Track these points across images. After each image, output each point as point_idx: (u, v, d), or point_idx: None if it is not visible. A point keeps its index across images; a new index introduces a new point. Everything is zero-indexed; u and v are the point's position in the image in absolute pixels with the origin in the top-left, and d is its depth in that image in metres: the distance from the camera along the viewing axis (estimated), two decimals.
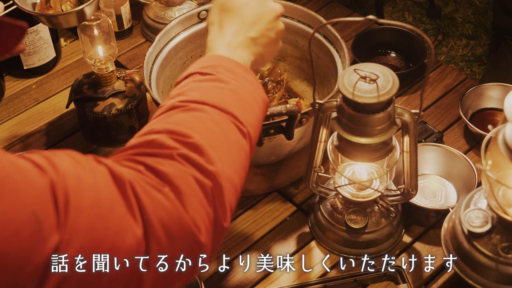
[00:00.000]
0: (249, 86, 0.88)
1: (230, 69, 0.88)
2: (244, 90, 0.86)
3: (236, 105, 0.83)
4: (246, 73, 0.89)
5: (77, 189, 0.65)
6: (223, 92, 0.84)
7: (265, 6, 0.96)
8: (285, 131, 1.16)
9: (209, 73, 0.86)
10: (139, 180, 0.69)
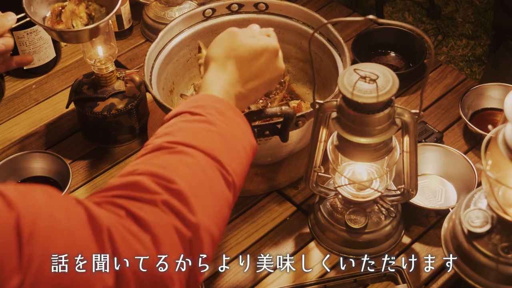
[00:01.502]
0: (238, 131, 0.87)
1: (221, 111, 0.86)
2: (233, 135, 0.85)
3: (223, 151, 0.82)
4: (237, 117, 0.89)
5: (47, 231, 0.61)
6: (211, 136, 0.82)
7: (275, 66, 0.98)
8: (280, 133, 1.16)
9: (199, 114, 0.84)
10: (118, 227, 0.67)
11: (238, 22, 1.40)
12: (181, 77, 1.41)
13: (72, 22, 1.26)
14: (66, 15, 1.25)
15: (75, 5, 1.25)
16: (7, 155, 1.32)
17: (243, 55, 0.95)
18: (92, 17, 1.27)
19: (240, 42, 0.95)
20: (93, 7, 1.27)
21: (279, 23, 1.39)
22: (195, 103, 0.87)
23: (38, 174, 1.29)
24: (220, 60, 0.94)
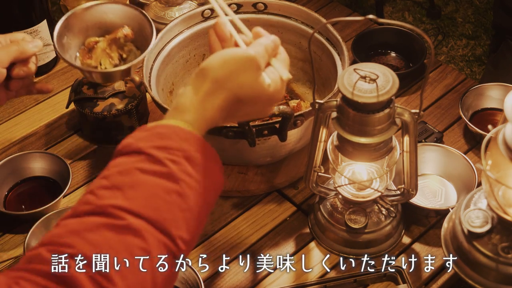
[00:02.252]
0: (206, 182, 0.78)
1: (189, 155, 0.77)
2: (198, 191, 0.76)
3: (179, 220, 0.74)
4: (207, 159, 0.79)
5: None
6: (169, 201, 0.73)
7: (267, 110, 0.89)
8: (279, 133, 1.16)
9: (161, 162, 0.74)
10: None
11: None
12: (181, 78, 1.41)
13: (101, 61, 1.16)
14: (96, 53, 1.16)
15: (107, 44, 1.16)
16: (7, 155, 1.32)
17: (245, 98, 0.84)
18: (124, 58, 1.18)
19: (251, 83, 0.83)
20: (129, 48, 1.18)
21: (278, 22, 1.39)
22: (160, 142, 0.76)
23: (38, 174, 1.29)
24: (217, 85, 0.82)
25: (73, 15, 1.15)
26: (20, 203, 1.26)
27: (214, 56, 0.84)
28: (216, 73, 0.82)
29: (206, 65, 0.83)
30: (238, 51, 0.85)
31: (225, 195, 1.28)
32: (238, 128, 1.14)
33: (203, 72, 0.83)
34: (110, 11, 1.17)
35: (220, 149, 1.24)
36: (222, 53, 0.84)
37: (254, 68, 0.83)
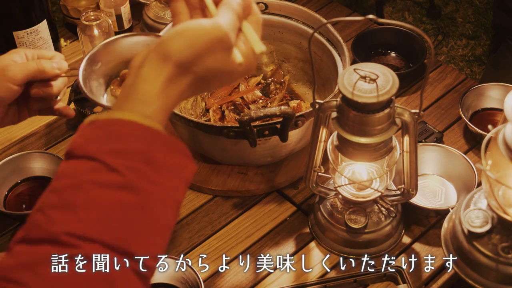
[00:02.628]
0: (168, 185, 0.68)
1: (147, 157, 0.67)
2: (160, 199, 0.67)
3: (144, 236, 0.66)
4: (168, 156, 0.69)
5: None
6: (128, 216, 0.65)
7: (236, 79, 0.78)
8: (280, 133, 1.16)
9: (117, 171, 0.65)
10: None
11: None
12: None
13: None
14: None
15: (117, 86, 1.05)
16: (7, 155, 1.32)
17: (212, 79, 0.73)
18: None
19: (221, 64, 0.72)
20: None
21: (279, 23, 1.39)
22: (114, 145, 0.66)
23: (38, 174, 1.29)
24: (181, 69, 0.70)
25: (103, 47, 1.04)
26: (20, 203, 1.26)
27: (178, 34, 0.70)
28: (180, 56, 0.69)
29: (168, 46, 0.70)
30: (205, 28, 0.70)
31: (225, 195, 1.28)
32: (239, 128, 1.14)
33: (165, 54, 0.69)
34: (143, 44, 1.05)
35: (221, 149, 1.25)
36: (187, 30, 0.70)
37: (225, 48, 0.71)
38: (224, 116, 1.36)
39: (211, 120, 1.36)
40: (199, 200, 1.28)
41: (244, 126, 1.12)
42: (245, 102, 1.38)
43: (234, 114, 1.35)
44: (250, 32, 0.75)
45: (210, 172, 1.30)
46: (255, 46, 0.75)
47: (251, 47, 0.75)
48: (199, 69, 0.71)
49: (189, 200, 1.28)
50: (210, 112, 1.37)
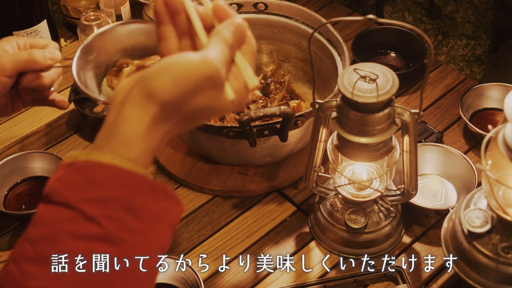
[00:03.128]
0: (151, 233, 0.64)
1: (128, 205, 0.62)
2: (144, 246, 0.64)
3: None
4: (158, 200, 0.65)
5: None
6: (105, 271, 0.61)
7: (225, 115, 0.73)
8: (279, 133, 1.16)
9: (95, 220, 0.61)
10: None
11: None
12: None
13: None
14: (122, 77, 0.98)
15: (135, 70, 0.97)
16: (7, 155, 1.32)
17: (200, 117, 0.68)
18: None
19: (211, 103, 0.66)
20: None
21: (279, 23, 1.39)
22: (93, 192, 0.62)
23: (38, 174, 1.29)
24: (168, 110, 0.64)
25: (98, 35, 0.98)
26: (20, 203, 1.26)
27: (164, 69, 0.63)
28: (166, 95, 0.63)
29: (153, 84, 0.63)
30: (194, 63, 0.63)
31: (225, 195, 1.28)
32: (239, 128, 1.14)
33: (150, 92, 0.63)
34: (141, 32, 0.99)
35: (221, 149, 1.25)
36: (173, 66, 0.63)
37: (215, 85, 0.65)
38: (224, 116, 1.36)
39: (211, 120, 1.36)
40: (199, 200, 1.28)
41: (244, 126, 1.12)
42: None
43: (234, 114, 1.35)
44: (243, 65, 0.69)
45: (210, 172, 1.30)
46: (249, 81, 0.68)
47: (244, 82, 0.68)
48: (186, 109, 0.64)
49: (189, 200, 1.28)
50: None
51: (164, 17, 0.70)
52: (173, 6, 0.69)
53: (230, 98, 0.66)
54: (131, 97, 0.64)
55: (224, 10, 0.69)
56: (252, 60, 0.70)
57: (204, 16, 0.69)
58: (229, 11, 0.69)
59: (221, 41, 0.66)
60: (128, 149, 0.64)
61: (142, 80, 0.64)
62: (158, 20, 0.70)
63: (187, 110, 0.65)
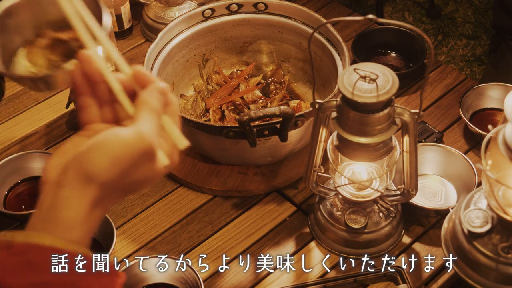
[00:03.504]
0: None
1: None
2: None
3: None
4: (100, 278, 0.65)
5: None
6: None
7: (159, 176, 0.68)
8: (279, 133, 1.16)
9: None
10: None
11: (238, 22, 1.41)
12: (181, 78, 1.41)
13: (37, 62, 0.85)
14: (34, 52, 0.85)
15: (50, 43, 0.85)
16: (7, 155, 1.32)
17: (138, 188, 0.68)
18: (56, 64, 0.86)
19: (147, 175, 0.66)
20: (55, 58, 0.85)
21: (279, 22, 1.39)
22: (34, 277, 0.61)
23: (38, 174, 1.29)
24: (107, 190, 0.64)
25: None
26: (20, 203, 1.26)
27: (98, 150, 0.62)
28: (104, 177, 0.62)
29: (90, 166, 0.62)
30: (128, 142, 0.62)
31: (225, 195, 1.28)
32: (239, 128, 1.14)
33: (87, 175, 0.62)
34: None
35: (221, 149, 1.25)
36: (107, 146, 0.62)
37: (150, 158, 0.65)
38: (224, 116, 1.36)
39: (211, 120, 1.36)
40: (199, 200, 1.28)
41: (243, 126, 1.12)
42: (245, 102, 1.38)
43: (234, 114, 1.35)
44: (171, 128, 0.68)
45: (210, 172, 1.30)
46: (178, 143, 0.69)
47: (173, 144, 0.68)
48: (124, 185, 0.65)
49: (189, 200, 1.28)
50: (210, 112, 1.37)
51: (83, 88, 0.68)
52: (92, 77, 0.67)
53: (165, 164, 0.66)
54: (67, 180, 0.62)
55: (144, 75, 0.68)
56: (177, 120, 0.70)
57: (124, 82, 0.68)
58: (149, 75, 0.68)
59: (149, 111, 0.65)
60: (69, 233, 0.62)
61: (77, 161, 0.62)
62: (78, 92, 0.68)
63: (125, 186, 0.65)
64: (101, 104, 0.69)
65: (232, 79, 1.43)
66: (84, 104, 0.68)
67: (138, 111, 0.65)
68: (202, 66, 1.45)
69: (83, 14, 0.70)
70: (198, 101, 1.41)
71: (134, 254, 1.20)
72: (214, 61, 1.45)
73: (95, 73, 0.67)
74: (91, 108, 0.68)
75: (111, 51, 0.69)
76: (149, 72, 0.69)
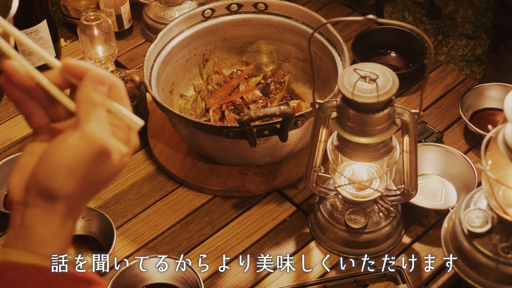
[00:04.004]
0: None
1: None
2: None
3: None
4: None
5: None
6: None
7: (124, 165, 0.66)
8: (279, 133, 1.16)
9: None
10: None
11: (238, 22, 1.41)
12: (181, 78, 1.41)
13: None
14: None
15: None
16: (7, 155, 1.33)
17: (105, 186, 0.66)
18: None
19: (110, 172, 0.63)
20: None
21: (279, 22, 1.39)
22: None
23: None
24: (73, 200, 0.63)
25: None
26: None
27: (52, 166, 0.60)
28: (66, 191, 0.61)
29: (49, 184, 0.60)
30: (78, 147, 0.60)
31: (225, 195, 1.28)
32: (239, 128, 1.14)
33: (49, 193, 0.61)
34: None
35: (221, 149, 1.25)
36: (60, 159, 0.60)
37: (107, 155, 0.61)
38: (224, 116, 1.36)
39: (211, 120, 1.36)
40: (199, 200, 1.28)
41: (243, 126, 1.12)
42: (245, 102, 1.38)
43: (234, 114, 1.35)
44: (120, 111, 0.64)
45: (210, 172, 1.30)
46: (132, 124, 0.64)
47: (128, 127, 0.64)
48: (89, 189, 0.63)
49: (189, 200, 1.28)
50: (210, 112, 1.37)
51: (19, 97, 0.64)
52: (23, 84, 0.63)
53: (123, 152, 0.63)
54: (31, 199, 0.61)
55: (75, 67, 0.63)
56: (125, 100, 0.65)
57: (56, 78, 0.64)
58: (80, 65, 0.63)
59: (90, 106, 0.61)
60: (45, 248, 0.62)
61: (35, 180, 0.61)
62: (15, 101, 0.64)
63: (90, 190, 0.63)
64: (44, 105, 0.65)
65: (232, 79, 1.43)
66: (27, 111, 0.65)
67: (79, 111, 0.61)
68: (202, 66, 1.45)
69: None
70: (198, 101, 1.41)
71: (134, 254, 1.20)
72: (214, 61, 1.45)
73: (25, 80, 0.62)
74: (36, 112, 0.65)
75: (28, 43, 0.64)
76: (79, 62, 0.64)
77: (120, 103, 0.64)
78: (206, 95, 1.42)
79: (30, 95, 0.64)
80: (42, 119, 0.65)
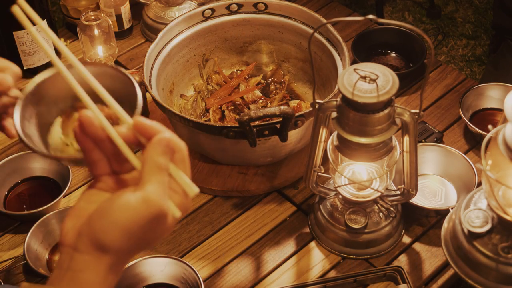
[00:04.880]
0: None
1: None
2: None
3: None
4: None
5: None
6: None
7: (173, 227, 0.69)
8: (279, 133, 1.16)
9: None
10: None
11: (238, 22, 1.41)
12: (181, 78, 1.41)
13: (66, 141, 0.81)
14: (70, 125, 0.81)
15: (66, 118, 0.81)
16: (7, 155, 1.32)
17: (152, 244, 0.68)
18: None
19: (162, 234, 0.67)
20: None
21: (279, 23, 1.39)
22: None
23: (38, 174, 1.29)
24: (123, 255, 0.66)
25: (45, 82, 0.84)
26: (20, 203, 1.26)
27: (109, 220, 0.63)
28: (117, 246, 0.64)
29: (103, 237, 0.63)
30: (137, 209, 0.63)
31: (225, 195, 1.28)
32: (239, 128, 1.14)
33: (101, 245, 0.64)
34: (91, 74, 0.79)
35: (221, 149, 1.25)
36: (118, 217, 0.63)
37: (162, 219, 0.65)
38: (224, 116, 1.36)
39: (211, 120, 1.36)
40: (199, 200, 1.28)
41: (243, 126, 1.12)
42: (245, 102, 1.38)
43: (234, 114, 1.35)
44: (179, 176, 0.67)
45: (210, 172, 1.30)
46: (188, 190, 0.67)
47: (183, 191, 0.67)
48: (138, 248, 0.67)
49: None
50: (210, 112, 1.37)
51: (88, 145, 0.67)
52: (95, 135, 0.66)
53: (177, 216, 0.66)
54: (83, 245, 0.65)
55: (146, 126, 0.66)
56: (186, 166, 0.68)
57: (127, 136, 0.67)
58: (150, 126, 0.66)
59: (155, 170, 0.64)
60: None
61: (89, 228, 0.64)
62: (83, 148, 0.68)
63: (138, 248, 0.67)
64: (109, 157, 0.68)
65: (232, 79, 1.43)
66: (92, 159, 0.68)
67: (144, 171, 0.64)
68: (202, 66, 1.45)
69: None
70: (198, 101, 1.41)
71: None
72: (214, 61, 1.45)
73: (98, 131, 0.66)
74: (100, 162, 0.68)
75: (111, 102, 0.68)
76: (151, 122, 0.66)
77: (181, 168, 0.67)
78: (206, 95, 1.42)
79: (98, 145, 0.67)
80: (105, 169, 0.69)
